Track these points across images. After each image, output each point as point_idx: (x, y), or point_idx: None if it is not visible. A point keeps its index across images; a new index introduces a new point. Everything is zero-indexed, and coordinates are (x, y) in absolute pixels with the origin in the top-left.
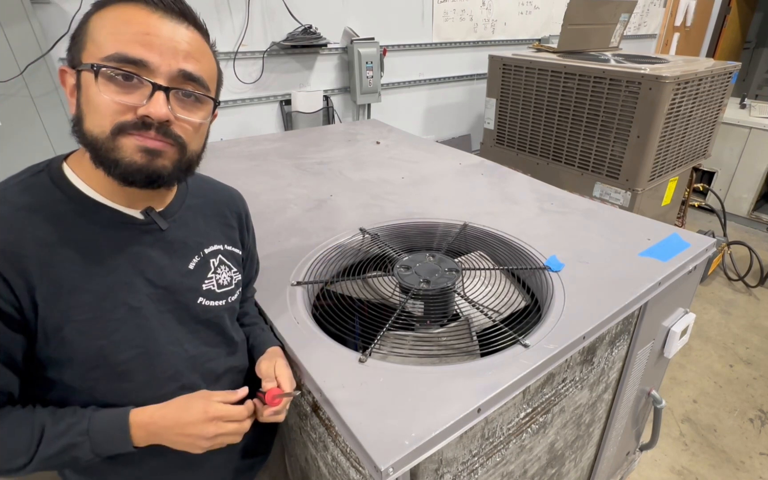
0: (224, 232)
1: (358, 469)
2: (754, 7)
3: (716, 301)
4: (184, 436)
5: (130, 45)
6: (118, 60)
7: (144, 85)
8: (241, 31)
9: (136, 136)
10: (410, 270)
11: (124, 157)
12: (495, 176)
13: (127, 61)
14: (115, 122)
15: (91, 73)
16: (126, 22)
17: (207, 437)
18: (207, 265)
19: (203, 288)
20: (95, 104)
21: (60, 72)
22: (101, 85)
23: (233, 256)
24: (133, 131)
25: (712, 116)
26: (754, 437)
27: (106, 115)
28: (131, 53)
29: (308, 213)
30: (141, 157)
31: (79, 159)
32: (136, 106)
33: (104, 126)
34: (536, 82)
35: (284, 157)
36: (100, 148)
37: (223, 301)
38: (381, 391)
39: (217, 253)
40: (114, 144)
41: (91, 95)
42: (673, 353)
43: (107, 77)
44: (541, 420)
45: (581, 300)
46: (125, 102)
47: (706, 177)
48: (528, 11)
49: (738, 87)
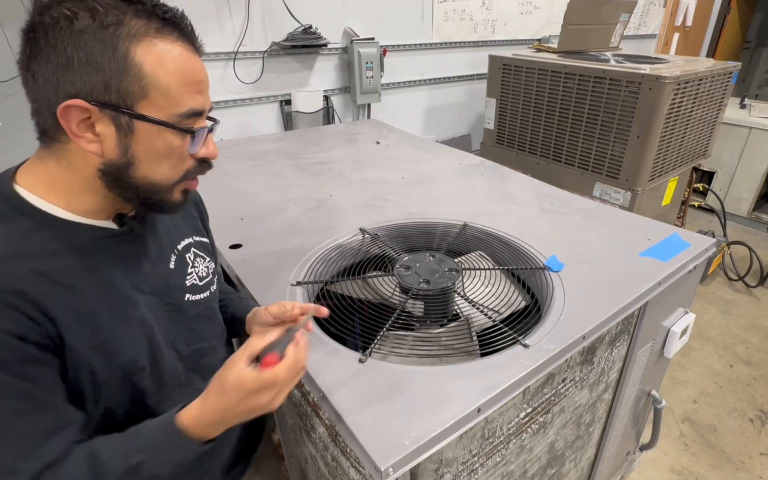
0: (189, 223)
1: (358, 469)
2: (754, 7)
3: (716, 301)
4: (245, 414)
5: (194, 97)
6: (192, 115)
7: (203, 133)
8: (241, 31)
9: (191, 181)
10: (410, 270)
11: (171, 199)
12: (495, 176)
13: (197, 114)
14: (184, 171)
15: (159, 126)
16: (185, 70)
17: (266, 403)
18: (184, 260)
19: (187, 284)
20: (162, 154)
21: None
22: (173, 139)
23: (203, 245)
24: (194, 176)
25: (712, 116)
26: (754, 437)
27: (174, 165)
28: (197, 106)
29: (308, 213)
30: (182, 197)
31: (44, 184)
32: (196, 153)
33: (172, 175)
34: (536, 82)
35: (284, 157)
36: (156, 193)
37: (207, 293)
38: (381, 391)
39: (189, 247)
40: (173, 190)
41: (158, 146)
42: (673, 353)
43: (183, 133)
44: (541, 420)
45: (581, 300)
46: (190, 150)
47: (706, 177)
48: (528, 11)
49: (738, 87)
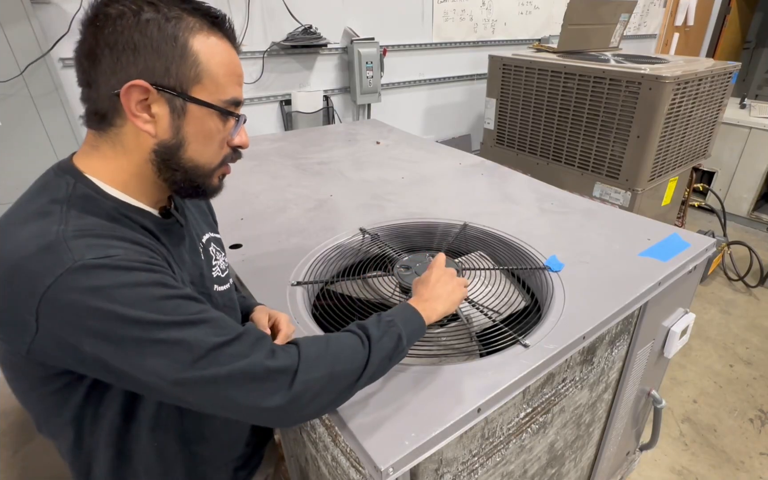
0: (205, 220)
1: (358, 469)
2: (754, 7)
3: (716, 301)
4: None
5: (236, 88)
6: (235, 104)
7: (242, 121)
8: (241, 31)
9: (227, 167)
10: (410, 270)
11: (211, 184)
12: (495, 176)
13: (237, 103)
14: (223, 155)
15: (209, 110)
16: (230, 63)
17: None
18: (208, 253)
19: (213, 275)
20: (208, 137)
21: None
22: (219, 123)
23: (218, 240)
24: (229, 162)
25: (712, 116)
26: (754, 437)
27: (216, 149)
28: (239, 97)
29: (308, 213)
30: (219, 182)
31: (106, 170)
32: (232, 139)
33: (215, 159)
34: (536, 82)
35: (284, 157)
36: (199, 176)
37: (228, 284)
38: (381, 391)
39: (210, 241)
40: (214, 173)
41: (206, 129)
42: (673, 353)
43: (227, 117)
44: (541, 420)
45: (581, 300)
46: (229, 137)
47: (706, 177)
48: (528, 11)
49: (738, 87)
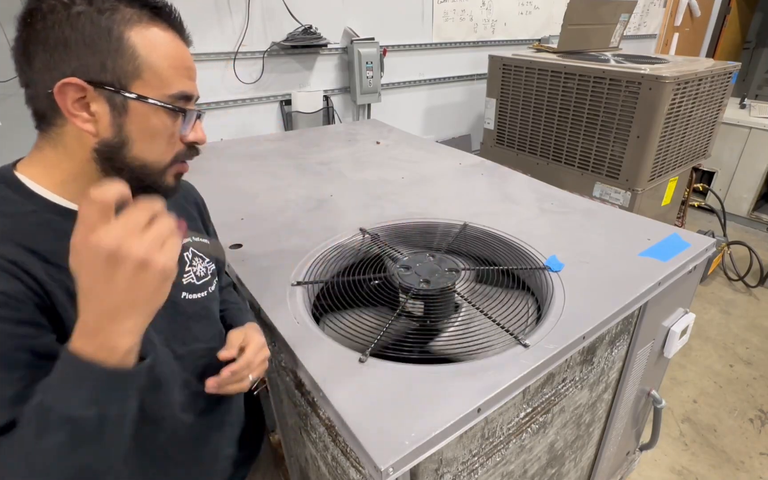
0: (189, 224)
1: (358, 468)
2: (754, 7)
3: (716, 301)
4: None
5: (184, 81)
6: (182, 98)
7: (192, 116)
8: (241, 31)
9: (179, 164)
10: (410, 270)
11: (164, 183)
12: (495, 176)
13: (186, 97)
14: (174, 153)
15: (152, 106)
16: (176, 55)
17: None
18: (182, 259)
19: (183, 282)
20: (155, 134)
21: (75, 86)
22: (165, 119)
23: (203, 246)
24: (183, 160)
25: (712, 116)
26: (754, 437)
27: (165, 146)
28: (188, 90)
29: (308, 213)
30: (174, 181)
31: (42, 169)
32: (186, 136)
33: (164, 157)
34: (536, 82)
35: (284, 157)
36: (150, 175)
37: (204, 293)
38: (381, 391)
39: (188, 246)
40: (165, 173)
41: (150, 125)
42: (673, 353)
43: (175, 113)
44: (541, 420)
45: (581, 300)
46: (180, 133)
47: (706, 177)
48: (528, 11)
49: (738, 87)
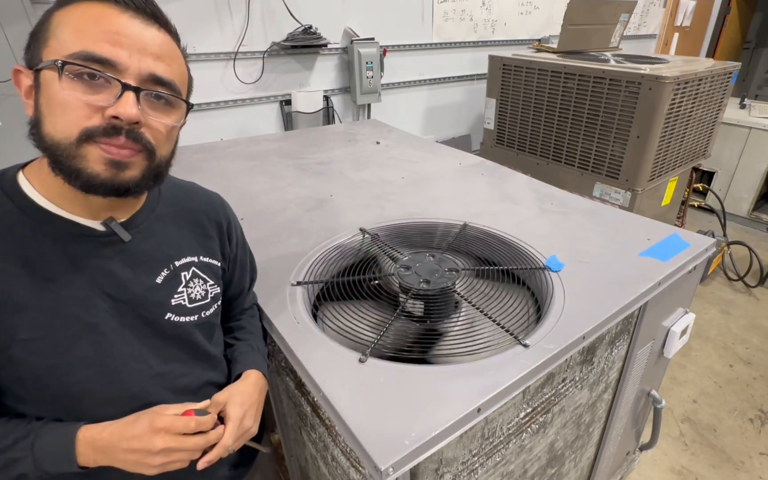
0: (200, 242)
1: (358, 468)
2: (754, 7)
3: (716, 301)
4: (130, 453)
5: (97, 43)
6: (84, 58)
7: (112, 85)
8: (241, 31)
9: (103, 145)
10: (410, 270)
11: (87, 167)
12: (495, 176)
13: (95, 59)
14: (82, 127)
15: (53, 72)
16: (94, 20)
17: (154, 452)
18: (177, 278)
19: (172, 303)
20: (58, 105)
21: (14, 72)
22: (65, 84)
23: (210, 267)
24: (101, 139)
25: (712, 116)
26: (754, 437)
27: (72, 118)
28: (99, 51)
29: (308, 213)
30: (105, 169)
31: (37, 168)
32: (103, 108)
33: (69, 131)
34: (536, 82)
35: (284, 157)
36: (61, 155)
37: (195, 317)
38: (381, 391)
39: (190, 266)
40: (78, 152)
41: (53, 95)
42: (673, 353)
43: (72, 75)
44: (541, 420)
45: (581, 300)
46: (92, 101)
47: (706, 177)
48: (528, 11)
49: (738, 87)
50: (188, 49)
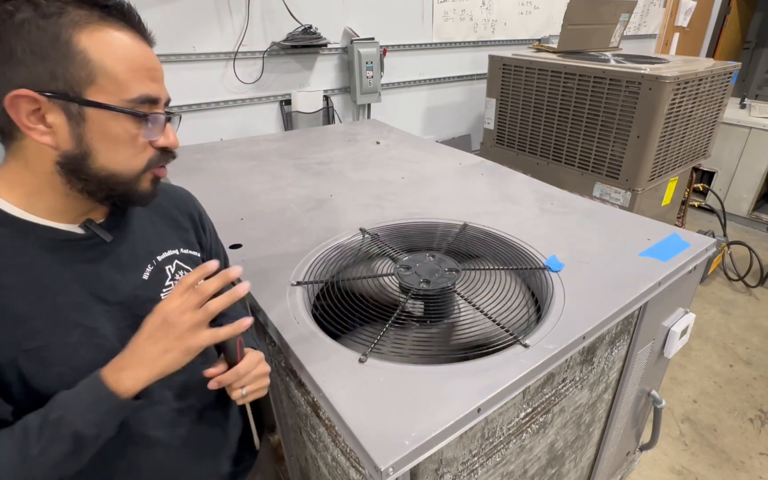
0: (178, 235)
1: (358, 469)
2: (754, 7)
3: (716, 301)
4: (155, 343)
5: (146, 83)
6: (146, 101)
7: (159, 120)
8: (241, 31)
9: (157, 170)
10: (410, 270)
11: (140, 188)
12: (495, 176)
13: (152, 101)
14: (146, 160)
15: (111, 112)
16: (134, 56)
17: (170, 323)
18: (163, 272)
19: (161, 297)
20: (120, 143)
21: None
22: (133, 126)
23: (191, 258)
24: (158, 165)
25: (712, 116)
26: (754, 437)
27: (135, 153)
28: (152, 93)
29: (308, 213)
30: (151, 186)
31: (4, 182)
32: (155, 141)
33: (135, 164)
34: (536, 82)
35: (284, 157)
36: (121, 183)
37: None
38: (381, 391)
39: (172, 259)
40: (139, 180)
41: (116, 135)
42: (673, 353)
43: (138, 119)
44: (541, 420)
45: (581, 300)
46: (160, 143)
47: (706, 177)
48: (528, 11)
49: (738, 87)
50: (188, 49)
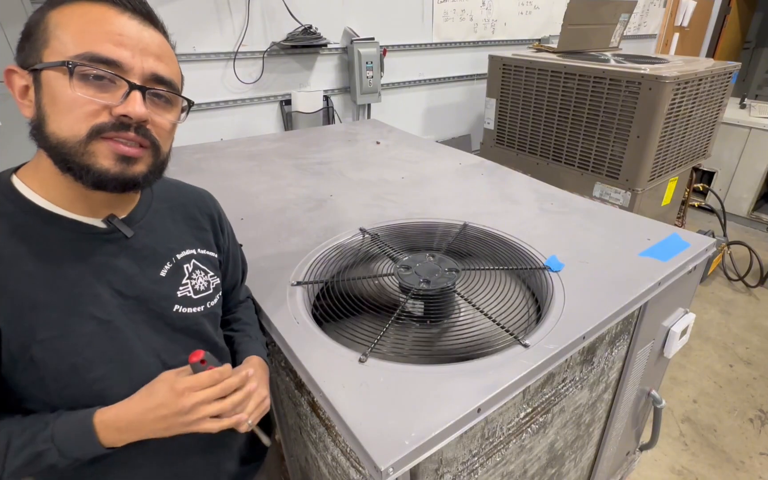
0: (196, 235)
1: (358, 469)
2: (754, 7)
3: (716, 301)
4: (159, 421)
5: (101, 44)
6: (90, 59)
7: (118, 85)
8: (241, 31)
9: (112, 141)
10: (410, 270)
11: (96, 163)
12: (495, 176)
13: (101, 60)
14: (92, 125)
15: (57, 72)
16: (95, 21)
17: (185, 412)
18: (180, 270)
19: (178, 295)
20: (65, 104)
21: (7, 72)
22: (76, 85)
23: (208, 259)
24: (110, 134)
25: (712, 116)
26: (754, 437)
27: (81, 116)
28: (105, 53)
29: (308, 213)
30: (115, 164)
31: (32, 170)
32: (112, 106)
33: (78, 129)
34: (536, 82)
35: (284, 157)
36: (69, 152)
37: (201, 307)
38: (381, 391)
39: (190, 258)
40: (87, 149)
41: (58, 94)
42: (673, 353)
43: (81, 76)
44: (541, 420)
45: (581, 300)
46: (103, 101)
47: (706, 177)
48: (528, 11)
49: (738, 87)
50: (188, 49)
